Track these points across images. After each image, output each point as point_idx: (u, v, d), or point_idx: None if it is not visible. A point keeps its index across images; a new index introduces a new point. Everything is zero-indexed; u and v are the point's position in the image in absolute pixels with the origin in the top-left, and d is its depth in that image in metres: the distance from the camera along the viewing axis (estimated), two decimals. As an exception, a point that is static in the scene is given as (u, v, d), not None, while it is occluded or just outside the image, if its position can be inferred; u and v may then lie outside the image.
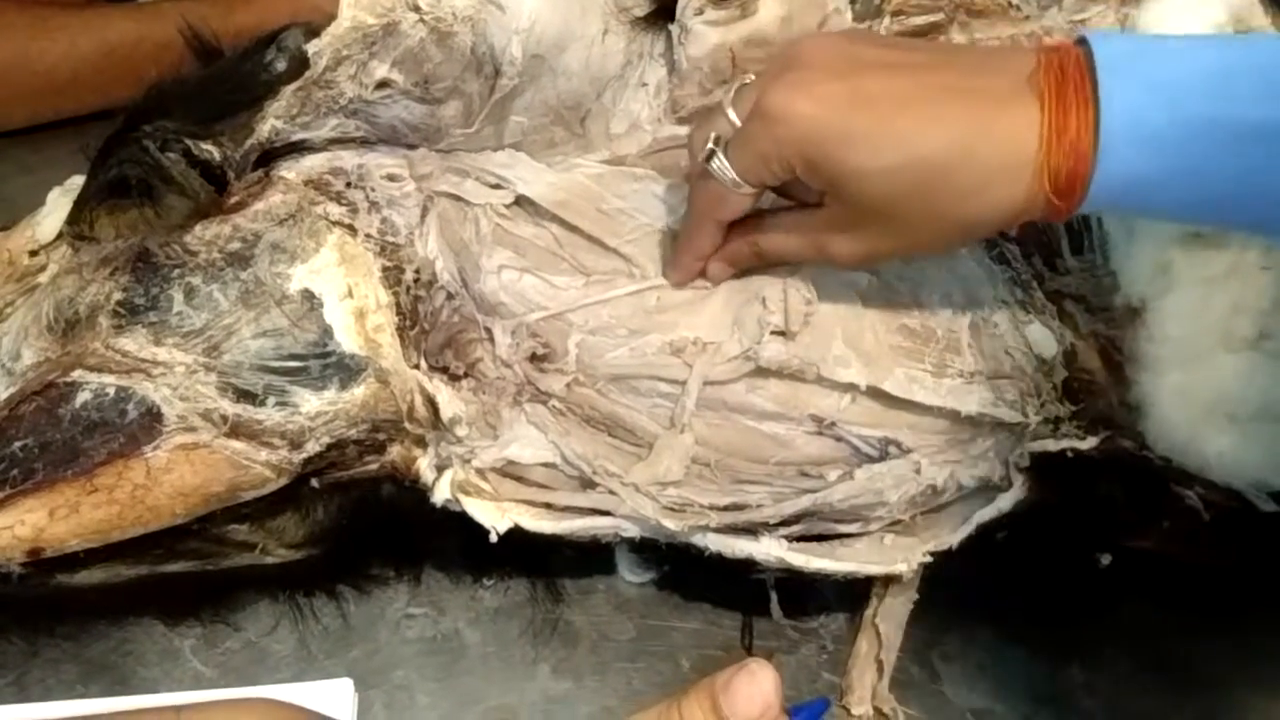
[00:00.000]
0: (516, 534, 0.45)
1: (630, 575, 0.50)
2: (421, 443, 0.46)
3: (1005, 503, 0.46)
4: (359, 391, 0.44)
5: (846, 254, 0.42)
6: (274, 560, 0.47)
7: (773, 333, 0.45)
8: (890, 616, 0.48)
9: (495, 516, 0.44)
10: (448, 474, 0.45)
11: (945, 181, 0.37)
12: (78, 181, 0.49)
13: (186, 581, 0.46)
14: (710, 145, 0.41)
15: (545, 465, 0.45)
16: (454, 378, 0.46)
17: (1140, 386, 0.48)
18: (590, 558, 0.50)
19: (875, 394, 0.45)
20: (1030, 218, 0.38)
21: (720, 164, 0.41)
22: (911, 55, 0.40)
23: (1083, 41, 0.37)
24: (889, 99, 0.38)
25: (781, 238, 0.43)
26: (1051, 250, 0.48)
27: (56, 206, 0.49)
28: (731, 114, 0.41)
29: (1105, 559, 0.50)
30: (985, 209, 0.38)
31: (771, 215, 0.44)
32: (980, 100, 0.37)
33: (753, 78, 0.42)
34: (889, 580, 0.48)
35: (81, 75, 0.63)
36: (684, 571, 0.50)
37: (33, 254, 0.48)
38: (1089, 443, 0.46)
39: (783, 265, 0.45)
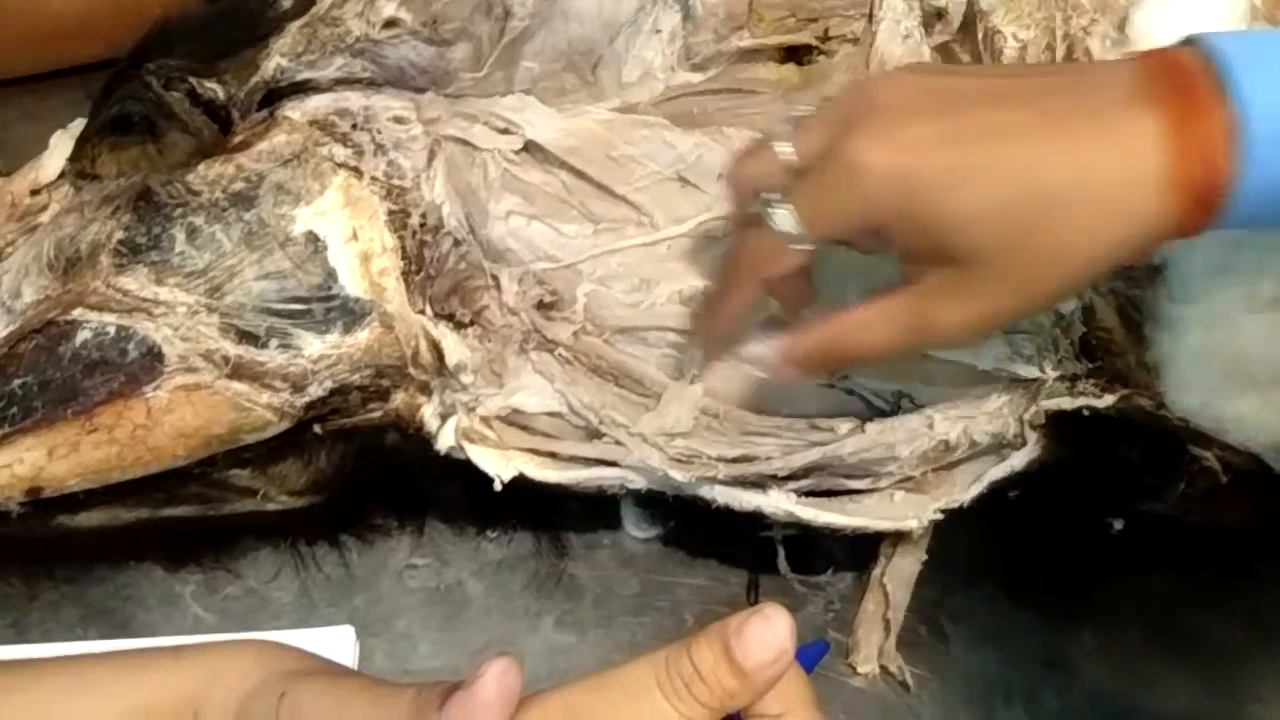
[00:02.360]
0: (521, 485, 0.44)
1: (636, 530, 0.50)
2: (426, 390, 0.45)
3: (1018, 461, 0.45)
4: (363, 335, 0.43)
5: (956, 324, 0.35)
6: (276, 507, 0.46)
7: (785, 283, 0.44)
8: (898, 576, 0.47)
9: (500, 464, 0.44)
10: (452, 421, 0.44)
11: (1066, 213, 0.33)
12: (82, 123, 0.48)
13: (187, 527, 0.46)
14: (767, 194, 0.36)
15: (551, 414, 0.44)
16: (460, 325, 0.45)
17: (1159, 346, 0.47)
18: (595, 512, 0.49)
19: (889, 346, 0.44)
20: (1164, 239, 0.34)
21: (782, 215, 0.36)
22: (1002, 82, 0.35)
23: (1190, 41, 0.33)
24: (989, 133, 0.33)
25: (867, 328, 0.37)
26: (1072, 205, 0.47)
27: (59, 146, 0.48)
28: (789, 154, 0.36)
29: (1118, 524, 0.50)
30: (1114, 237, 0.33)
31: (845, 311, 0.38)
32: (1090, 118, 0.33)
33: (809, 110, 0.37)
34: (898, 539, 0.47)
35: (88, 21, 0.62)
36: (690, 528, 0.49)
37: (34, 193, 0.47)
38: (1105, 401, 0.45)
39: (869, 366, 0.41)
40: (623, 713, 0.27)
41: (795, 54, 0.50)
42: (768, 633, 0.27)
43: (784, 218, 0.36)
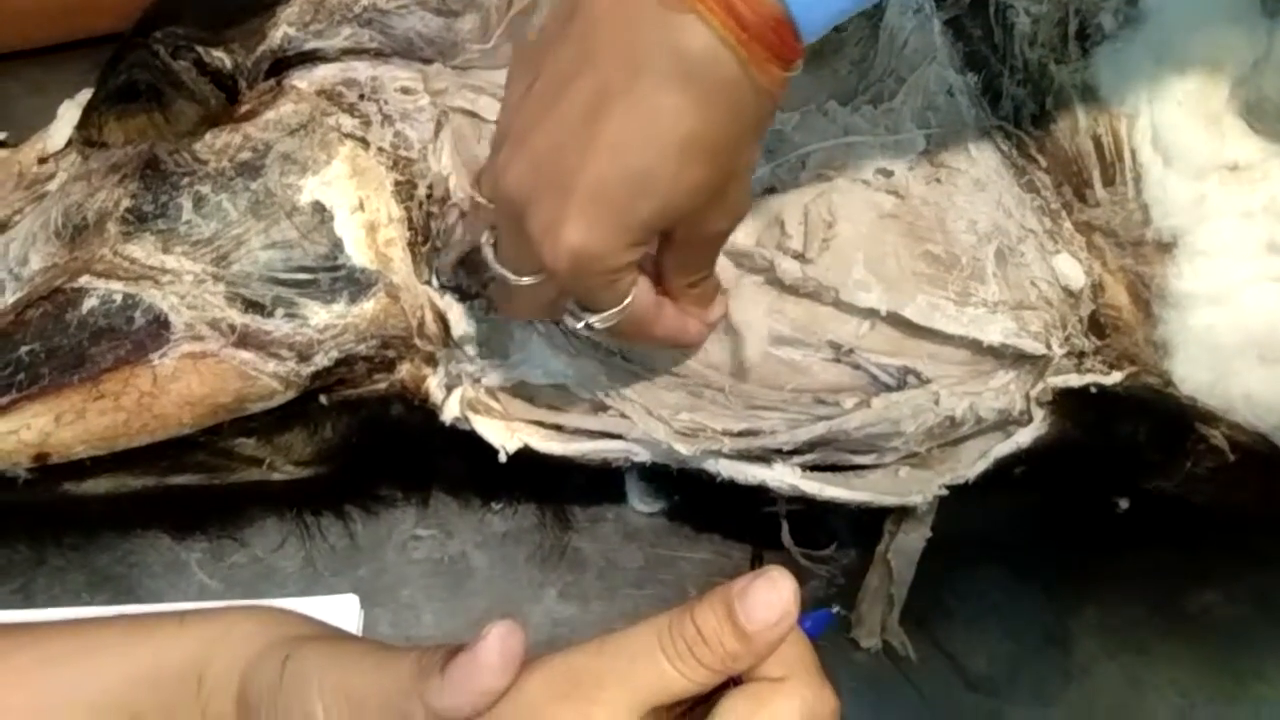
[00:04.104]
0: (526, 458, 0.44)
1: (640, 505, 0.50)
2: (431, 361, 0.45)
3: (1024, 438, 0.45)
4: (369, 306, 0.43)
5: (725, 227, 0.39)
6: (281, 477, 0.47)
7: (792, 257, 0.44)
8: (902, 551, 0.47)
9: (505, 436, 0.44)
10: (457, 392, 0.44)
11: (703, 132, 0.34)
12: (89, 94, 0.48)
13: (194, 495, 0.46)
14: (574, 321, 0.38)
15: (556, 386, 0.44)
16: (466, 296, 0.45)
17: (1168, 324, 0.46)
18: (600, 485, 0.49)
19: (895, 320, 0.44)
20: (776, 83, 0.35)
21: (598, 319, 0.38)
22: (560, 99, 0.35)
23: None
24: (611, 150, 0.34)
25: (684, 259, 0.39)
26: (1082, 180, 0.46)
27: (67, 116, 0.48)
28: (521, 280, 0.38)
29: (1124, 503, 0.50)
30: (738, 112, 0.35)
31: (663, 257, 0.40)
32: (648, 54, 0.33)
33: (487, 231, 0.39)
34: (903, 515, 0.47)
35: (95, -6, 0.62)
36: (694, 502, 0.49)
37: (42, 162, 0.47)
38: (1113, 378, 0.45)
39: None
40: (626, 676, 0.27)
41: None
42: (771, 594, 0.27)
43: (602, 319, 0.38)
